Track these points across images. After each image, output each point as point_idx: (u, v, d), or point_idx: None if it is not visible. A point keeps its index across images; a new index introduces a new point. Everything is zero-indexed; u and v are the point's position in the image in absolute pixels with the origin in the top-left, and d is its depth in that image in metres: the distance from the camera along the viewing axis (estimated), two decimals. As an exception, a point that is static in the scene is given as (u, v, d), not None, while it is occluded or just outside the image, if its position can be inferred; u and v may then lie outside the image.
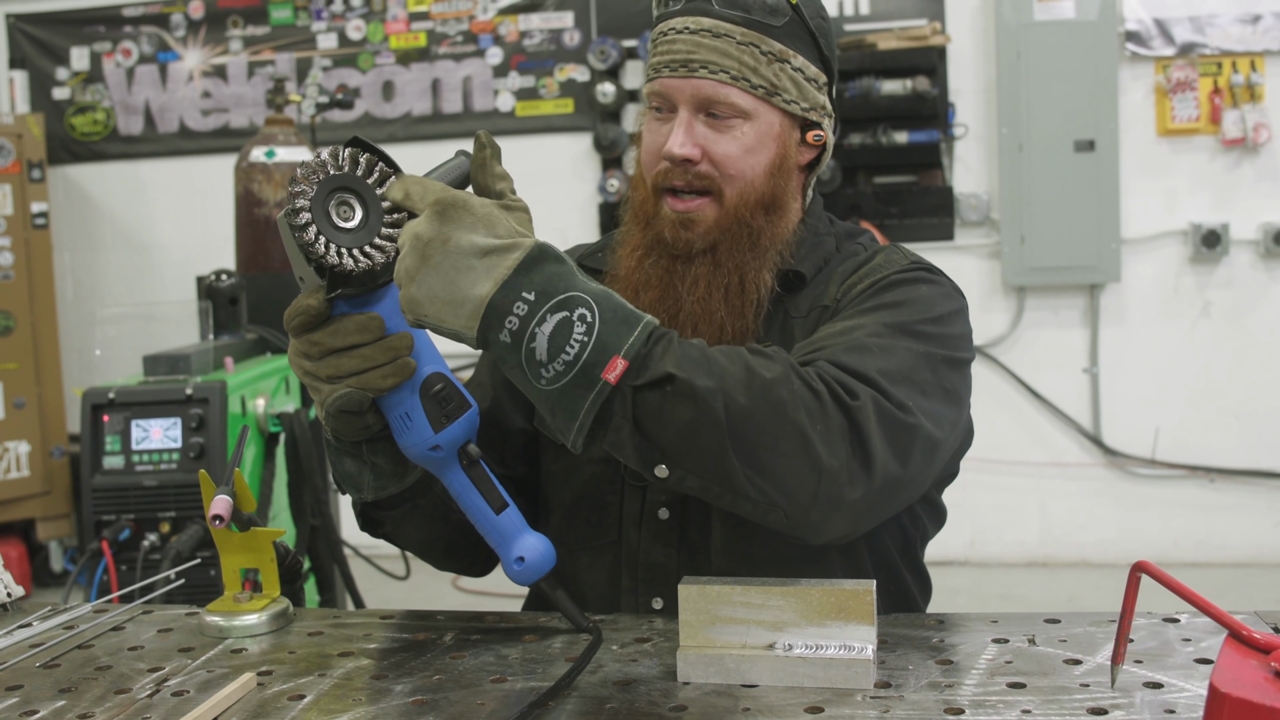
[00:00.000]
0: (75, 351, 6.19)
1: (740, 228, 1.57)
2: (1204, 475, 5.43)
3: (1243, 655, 0.96)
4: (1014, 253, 5.40)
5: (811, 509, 1.28)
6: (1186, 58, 5.29)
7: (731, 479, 1.26)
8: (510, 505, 1.40)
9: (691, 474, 1.27)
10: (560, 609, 1.42)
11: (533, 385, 1.24)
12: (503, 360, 1.25)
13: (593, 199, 5.82)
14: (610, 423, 1.24)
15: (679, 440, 1.25)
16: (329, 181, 1.26)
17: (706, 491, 1.28)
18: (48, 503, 5.62)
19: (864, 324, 1.45)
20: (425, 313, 1.23)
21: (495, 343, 1.23)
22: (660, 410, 1.24)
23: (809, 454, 1.26)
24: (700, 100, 1.54)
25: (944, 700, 1.17)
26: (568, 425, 1.24)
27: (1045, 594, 5.16)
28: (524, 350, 1.22)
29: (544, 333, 1.22)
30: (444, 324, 1.23)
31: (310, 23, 6.08)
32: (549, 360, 1.22)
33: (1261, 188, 5.30)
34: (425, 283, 1.22)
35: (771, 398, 1.26)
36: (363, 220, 1.27)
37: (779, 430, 1.25)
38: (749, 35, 1.54)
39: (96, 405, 3.35)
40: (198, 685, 1.30)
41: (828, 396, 1.29)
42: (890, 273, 1.56)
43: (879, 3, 5.57)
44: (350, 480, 1.49)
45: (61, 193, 6.28)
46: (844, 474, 1.27)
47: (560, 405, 1.24)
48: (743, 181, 1.56)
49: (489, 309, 1.22)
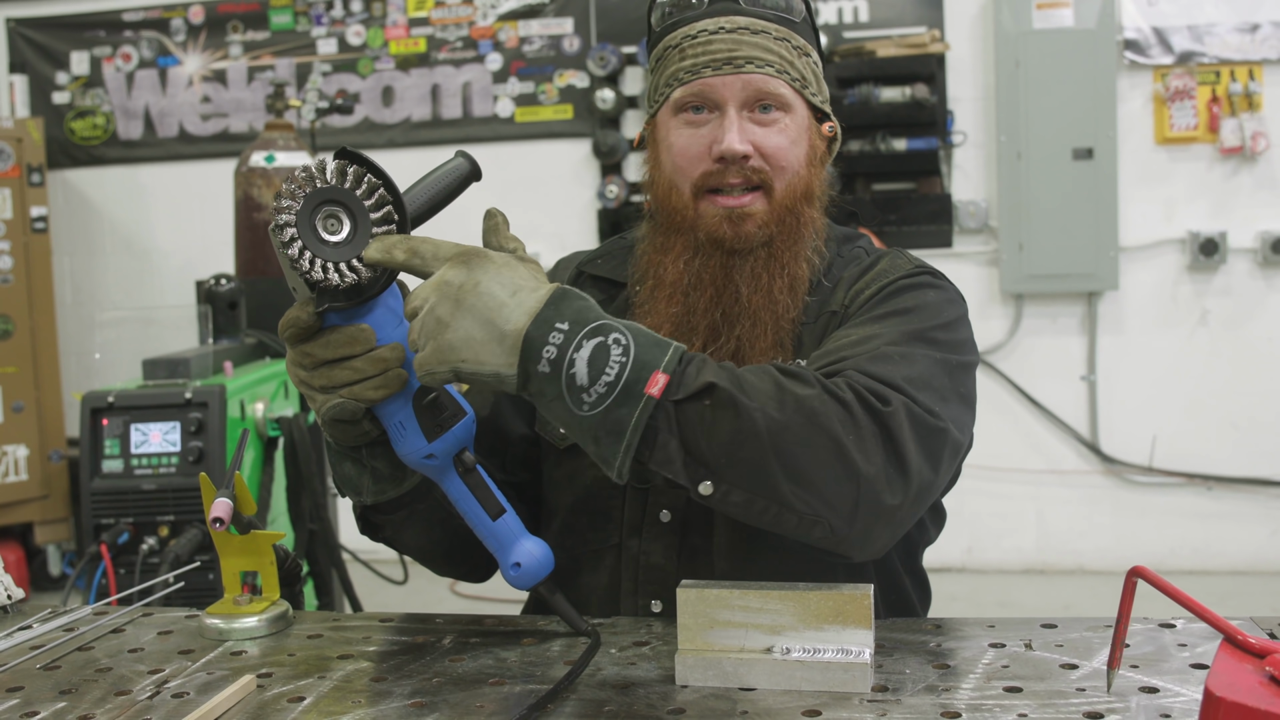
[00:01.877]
0: (74, 355, 6.19)
1: (792, 218, 1.59)
2: (1201, 483, 5.43)
3: (1238, 660, 0.96)
4: (1012, 260, 5.41)
5: (854, 518, 1.28)
6: (1185, 66, 5.30)
7: (775, 490, 1.25)
8: (508, 511, 1.40)
9: (736, 487, 1.26)
10: (559, 612, 1.42)
11: (575, 415, 1.24)
12: (542, 394, 1.25)
13: (591, 205, 5.82)
14: (656, 440, 1.24)
15: (723, 452, 1.25)
16: (316, 195, 1.26)
17: (751, 506, 1.27)
18: (46, 506, 5.62)
19: (880, 333, 1.46)
20: (463, 357, 1.23)
21: (535, 375, 1.23)
22: (703, 423, 1.24)
23: (846, 462, 1.26)
24: (750, 95, 1.56)
25: (941, 704, 1.17)
26: (613, 449, 1.24)
27: (1042, 601, 5.16)
28: (564, 378, 1.23)
29: (582, 358, 1.23)
30: (483, 365, 1.24)
31: (310, 28, 6.09)
32: (590, 384, 1.23)
33: (1259, 196, 5.31)
34: (460, 326, 1.23)
35: (805, 409, 1.27)
36: (351, 233, 1.27)
37: (815, 440, 1.26)
38: (782, 31, 1.58)
39: (95, 409, 3.35)
40: (198, 687, 1.30)
41: (858, 405, 1.29)
42: (897, 278, 1.58)
43: (878, 10, 5.58)
44: (350, 483, 1.50)
45: (61, 197, 6.28)
46: (882, 480, 1.28)
47: (604, 429, 1.23)
48: (790, 173, 1.59)
49: (526, 341, 1.23)
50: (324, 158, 1.28)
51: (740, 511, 1.28)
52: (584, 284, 1.75)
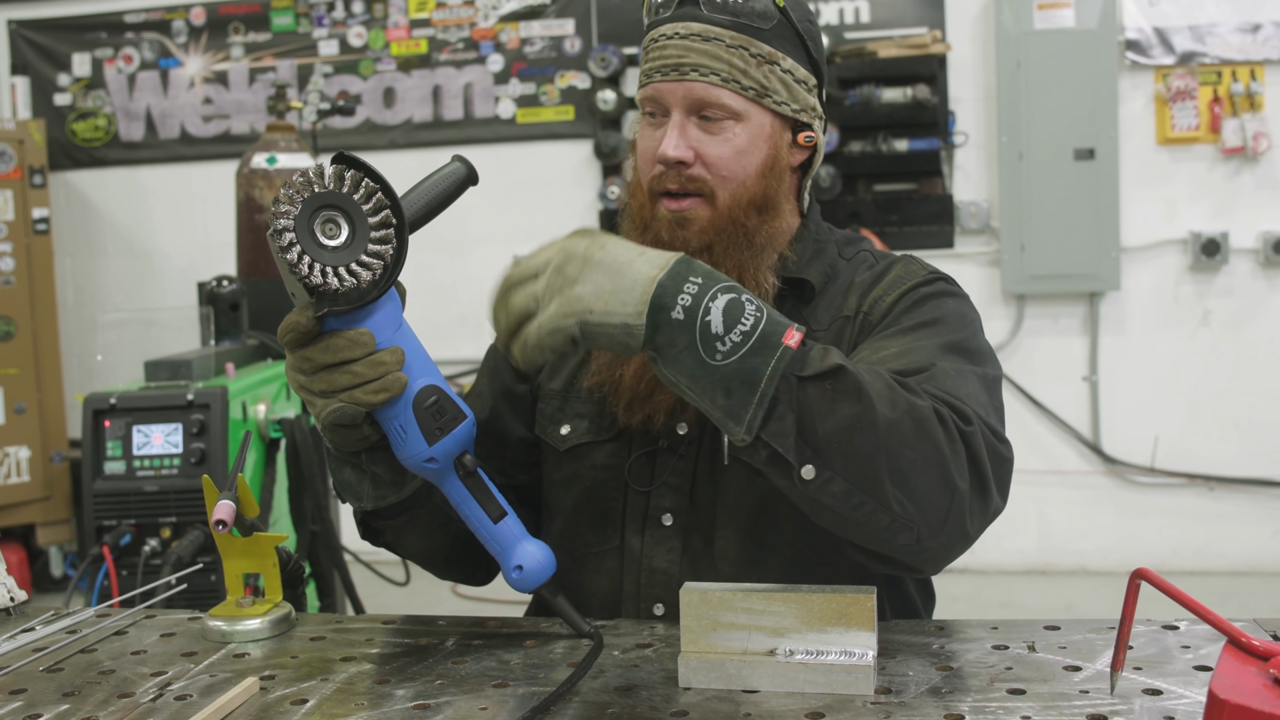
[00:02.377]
0: (76, 357, 6.19)
1: (734, 228, 1.57)
2: (1203, 484, 5.43)
3: (1242, 662, 0.96)
4: (1014, 261, 5.41)
5: (941, 532, 1.29)
6: (1186, 67, 5.30)
7: (878, 487, 1.25)
8: (509, 514, 1.40)
9: (840, 476, 1.24)
10: (561, 615, 1.42)
11: (707, 364, 1.23)
12: (671, 345, 1.23)
13: (593, 206, 5.82)
14: (774, 412, 1.23)
15: (836, 437, 1.24)
16: (313, 200, 1.26)
17: (849, 500, 1.25)
18: (48, 508, 5.62)
19: (917, 345, 1.45)
20: (591, 308, 1.23)
21: (665, 324, 1.23)
22: (825, 404, 1.24)
23: (946, 475, 1.27)
24: (692, 102, 1.56)
25: (944, 706, 1.17)
26: (745, 399, 1.22)
27: (1044, 602, 5.16)
28: (699, 325, 1.23)
29: (718, 306, 1.24)
30: (611, 316, 1.23)
31: (311, 29, 6.09)
32: (725, 332, 1.23)
33: (1261, 196, 5.31)
34: (589, 279, 1.24)
35: (915, 414, 1.27)
36: (349, 238, 1.27)
37: (920, 446, 1.26)
38: (738, 38, 1.55)
39: (98, 410, 3.36)
40: (200, 689, 1.30)
41: (952, 422, 1.29)
42: (914, 284, 1.58)
43: (879, 11, 5.58)
44: (350, 489, 1.50)
45: (63, 198, 6.28)
46: (969, 500, 1.29)
47: (739, 378, 1.22)
48: (735, 182, 1.57)
49: (659, 289, 1.23)
50: (322, 162, 1.28)
51: (835, 502, 1.26)
52: None
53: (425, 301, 5.84)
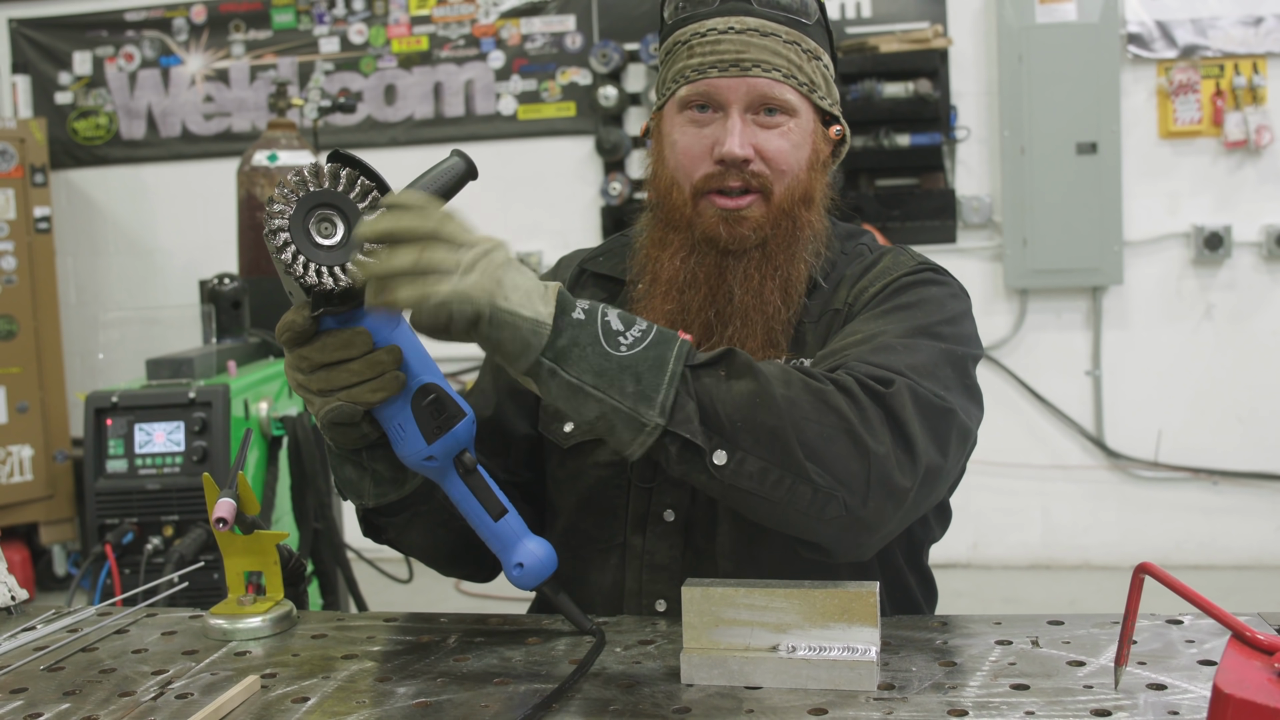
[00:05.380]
0: (78, 355, 6.20)
1: (789, 222, 1.59)
2: (1207, 478, 5.43)
3: (1246, 656, 0.96)
4: (1016, 255, 5.40)
5: (867, 495, 1.29)
6: (1188, 60, 5.29)
7: (791, 458, 1.26)
8: (510, 511, 1.40)
9: (751, 455, 1.26)
10: (563, 612, 1.42)
11: (612, 357, 1.25)
12: (575, 344, 1.25)
13: (595, 202, 5.82)
14: (676, 400, 1.26)
15: (739, 415, 1.26)
16: (309, 199, 1.25)
17: (766, 477, 1.27)
18: (51, 507, 5.62)
19: (884, 329, 1.46)
20: (508, 295, 1.22)
21: (570, 323, 1.25)
22: (721, 385, 1.27)
23: (855, 439, 1.28)
24: (755, 99, 1.56)
25: (948, 702, 1.17)
26: (656, 380, 1.25)
27: (1048, 596, 5.16)
28: (600, 323, 1.27)
29: (613, 314, 1.29)
30: (523, 309, 1.23)
31: (312, 27, 6.09)
32: (625, 329, 1.28)
33: (1264, 190, 5.30)
34: (511, 274, 1.24)
35: (811, 389, 1.29)
36: (344, 236, 1.26)
37: (824, 418, 1.28)
38: (791, 34, 1.56)
39: (100, 409, 3.36)
40: (202, 688, 1.30)
41: (859, 390, 1.31)
42: (899, 275, 1.58)
43: (881, 5, 5.57)
44: (351, 486, 1.49)
45: (64, 197, 6.29)
46: (891, 460, 1.30)
47: (646, 363, 1.26)
48: (790, 177, 1.58)
49: (560, 295, 1.27)
50: (317, 161, 1.28)
51: (755, 484, 1.27)
52: (586, 282, 1.75)
53: (427, 299, 5.82)
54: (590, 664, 1.30)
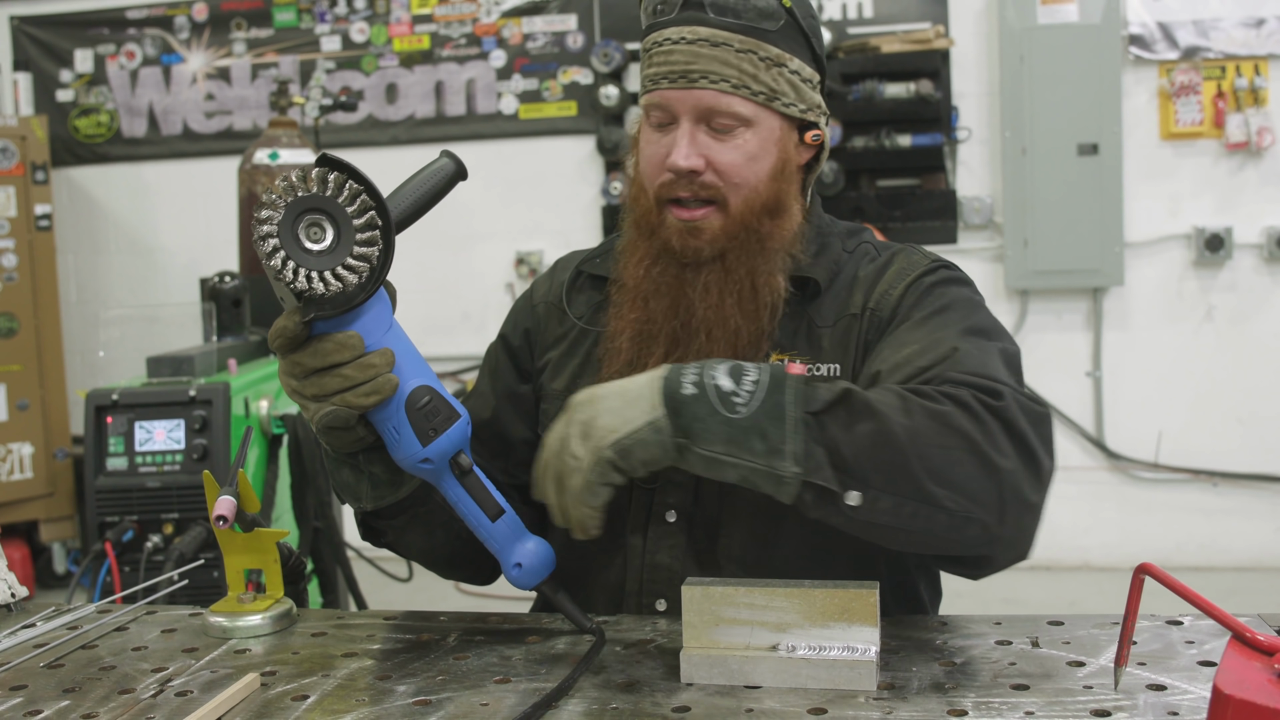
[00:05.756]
0: (79, 353, 6.19)
1: (747, 233, 1.56)
2: (1207, 479, 5.42)
3: (1246, 657, 0.96)
4: (1017, 256, 5.40)
5: (1004, 514, 1.28)
6: (1190, 61, 5.29)
7: (922, 490, 1.26)
8: (507, 512, 1.40)
9: (884, 493, 1.26)
10: (562, 611, 1.42)
11: (733, 420, 1.27)
12: (696, 419, 1.28)
13: (596, 201, 5.82)
14: (806, 449, 1.27)
15: (865, 456, 1.26)
16: (297, 204, 1.24)
17: (900, 511, 1.27)
18: (51, 504, 5.62)
19: (941, 336, 1.46)
20: (614, 428, 1.29)
21: (684, 403, 1.28)
22: (844, 429, 1.27)
23: (982, 458, 1.27)
24: (702, 111, 1.54)
25: (948, 702, 1.17)
26: (779, 430, 1.26)
27: (1048, 598, 5.15)
28: (711, 391, 1.28)
29: (721, 372, 1.30)
30: (632, 422, 1.29)
31: (314, 25, 6.09)
32: (737, 386, 1.29)
33: (1265, 192, 5.30)
34: (602, 410, 1.31)
35: (931, 413, 1.28)
36: (334, 241, 1.25)
37: (948, 441, 1.27)
38: (746, 42, 1.53)
39: (100, 407, 3.36)
40: (201, 685, 1.30)
41: (976, 404, 1.30)
42: (919, 275, 1.58)
43: (882, 6, 5.57)
44: (349, 490, 1.49)
45: (65, 195, 6.28)
46: (1019, 474, 1.29)
47: (766, 417, 1.27)
48: (747, 189, 1.56)
49: (664, 381, 1.30)
50: (304, 166, 1.27)
51: (891, 518, 1.28)
52: (583, 282, 1.75)
53: (428, 298, 5.84)
54: (590, 662, 1.30)
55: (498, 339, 1.81)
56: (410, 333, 1.37)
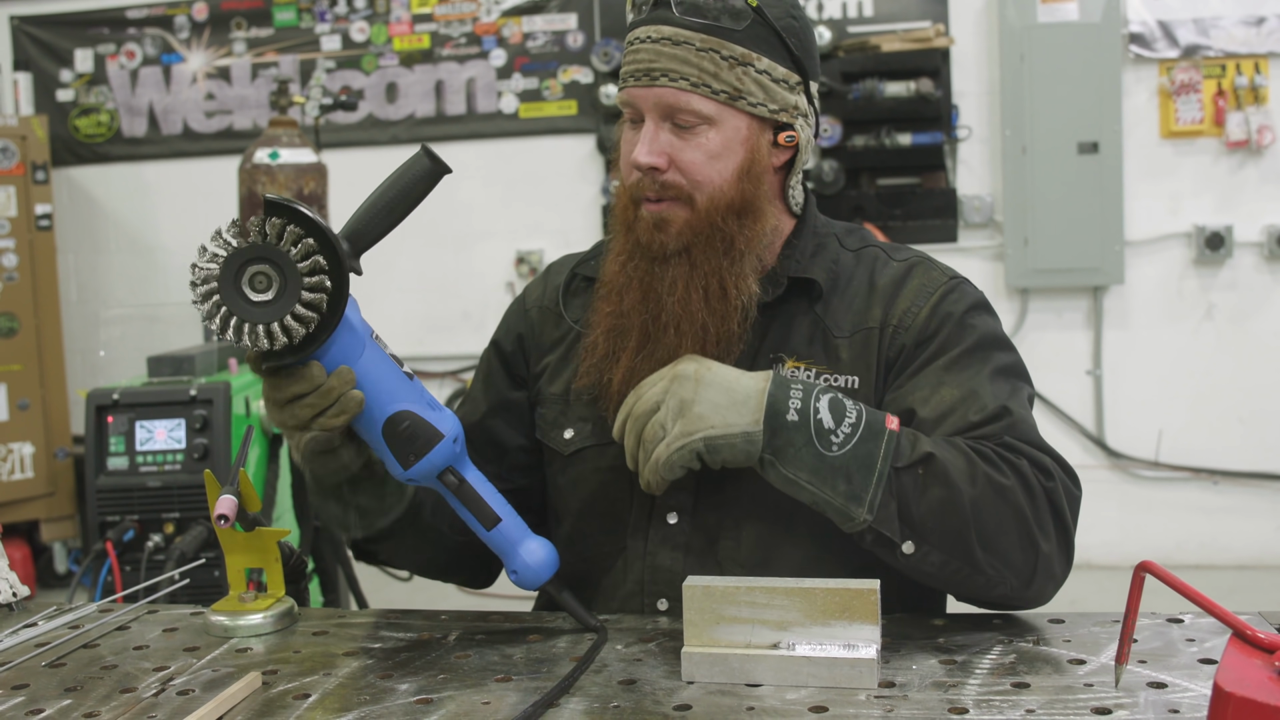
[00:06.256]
0: (79, 353, 6.19)
1: (713, 231, 1.56)
2: (1208, 477, 5.42)
3: (1247, 655, 0.96)
4: (1017, 255, 5.40)
5: (1032, 583, 1.42)
6: (1190, 60, 5.29)
7: (970, 556, 1.38)
8: (504, 519, 1.40)
9: (936, 550, 1.38)
10: (567, 609, 1.43)
11: (825, 457, 1.36)
12: (790, 444, 1.36)
13: (596, 201, 5.82)
14: (881, 500, 1.37)
15: (930, 518, 1.37)
16: (237, 255, 1.21)
17: (946, 567, 1.39)
18: (51, 504, 5.62)
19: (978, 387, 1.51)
20: (712, 424, 1.36)
21: (783, 426, 1.36)
22: (917, 490, 1.38)
23: (1029, 537, 1.40)
24: (664, 108, 1.54)
25: (948, 700, 1.17)
26: (865, 481, 1.36)
27: (1049, 596, 5.15)
28: (812, 423, 1.37)
29: (824, 406, 1.38)
30: (731, 427, 1.36)
31: (314, 24, 6.08)
32: (836, 425, 1.37)
33: (1265, 190, 5.29)
34: (704, 398, 1.37)
35: (994, 485, 1.39)
36: (280, 289, 1.22)
37: (1003, 515, 1.39)
38: (709, 41, 1.52)
39: (101, 406, 3.36)
40: (203, 684, 1.30)
41: (1034, 481, 1.41)
42: (942, 294, 1.60)
43: (883, 5, 5.57)
44: (336, 521, 1.52)
45: (65, 194, 6.28)
46: (1054, 555, 1.42)
47: (856, 463, 1.36)
48: (711, 187, 1.55)
49: (770, 397, 1.38)
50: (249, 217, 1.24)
51: (934, 570, 1.40)
52: (578, 285, 1.75)
53: (429, 297, 5.84)
54: (592, 659, 1.31)
55: (490, 345, 1.81)
56: (411, 332, 1.38)
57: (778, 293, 1.60)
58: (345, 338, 1.30)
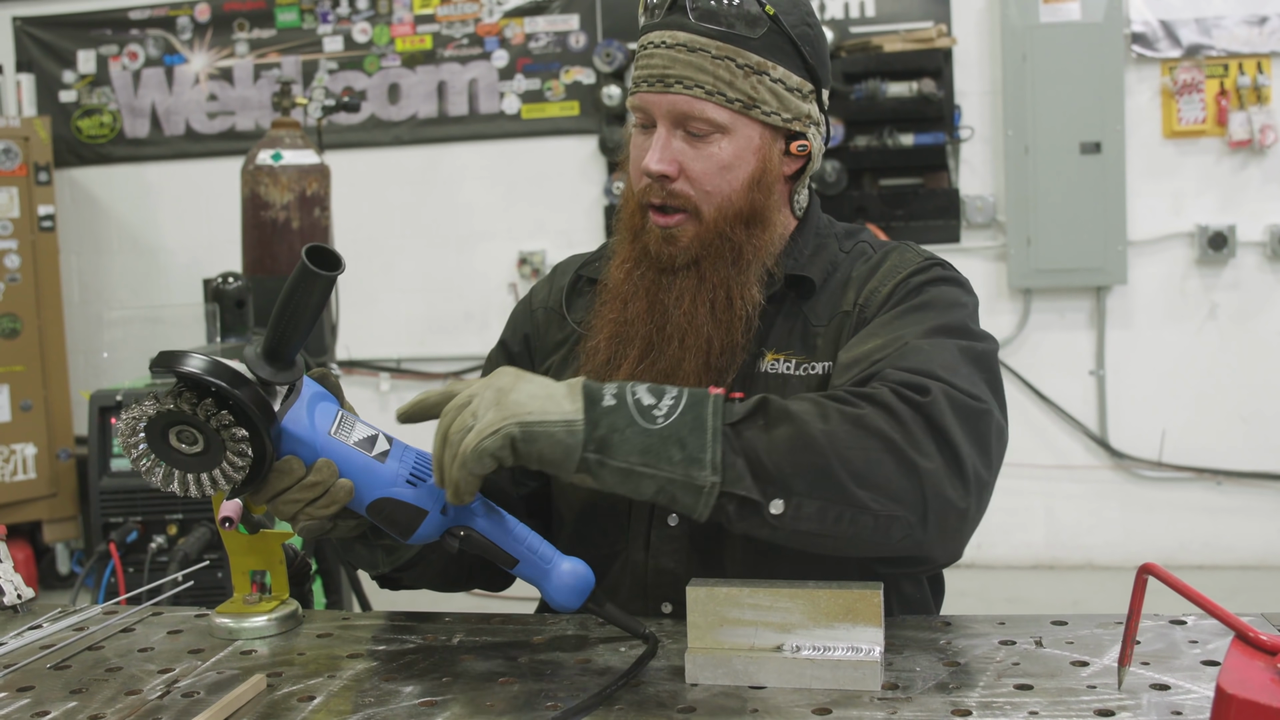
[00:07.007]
0: (82, 354, 6.20)
1: (722, 242, 1.55)
2: (1210, 478, 5.42)
3: (1249, 657, 0.96)
4: (1020, 255, 5.40)
5: (927, 515, 1.27)
6: (1193, 59, 5.28)
7: (845, 492, 1.25)
8: (521, 559, 1.35)
9: (807, 498, 1.25)
10: (612, 621, 1.38)
11: (652, 431, 1.26)
12: (615, 430, 1.26)
13: (598, 201, 5.82)
14: (725, 460, 1.26)
15: (785, 462, 1.25)
16: (154, 424, 1.22)
17: (825, 515, 1.26)
18: (54, 505, 5.63)
19: (903, 332, 1.44)
20: (529, 409, 1.26)
21: (603, 412, 1.26)
22: (762, 436, 1.27)
23: (901, 459, 1.26)
24: (676, 115, 1.53)
25: (951, 702, 1.17)
26: (701, 442, 1.25)
27: (1051, 597, 5.15)
28: (631, 402, 1.28)
29: (641, 389, 1.30)
30: (549, 415, 1.26)
31: (316, 25, 6.09)
32: (657, 401, 1.28)
33: (1268, 190, 5.29)
34: (522, 389, 1.28)
35: (848, 416, 1.28)
36: (206, 444, 1.23)
37: (867, 443, 1.26)
38: (725, 49, 1.52)
39: (104, 407, 3.36)
40: (208, 686, 1.31)
41: (898, 402, 1.29)
42: (909, 273, 1.56)
43: (885, 5, 5.57)
44: (364, 561, 1.49)
45: (68, 195, 6.29)
46: (941, 474, 1.27)
47: (686, 428, 1.26)
48: (720, 197, 1.55)
49: (586, 387, 1.29)
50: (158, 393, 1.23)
51: (816, 524, 1.26)
52: (583, 287, 1.75)
53: (430, 298, 5.85)
54: (643, 667, 1.28)
55: (498, 345, 1.81)
56: (413, 333, 1.37)
57: (773, 290, 1.60)
58: (304, 436, 1.28)
